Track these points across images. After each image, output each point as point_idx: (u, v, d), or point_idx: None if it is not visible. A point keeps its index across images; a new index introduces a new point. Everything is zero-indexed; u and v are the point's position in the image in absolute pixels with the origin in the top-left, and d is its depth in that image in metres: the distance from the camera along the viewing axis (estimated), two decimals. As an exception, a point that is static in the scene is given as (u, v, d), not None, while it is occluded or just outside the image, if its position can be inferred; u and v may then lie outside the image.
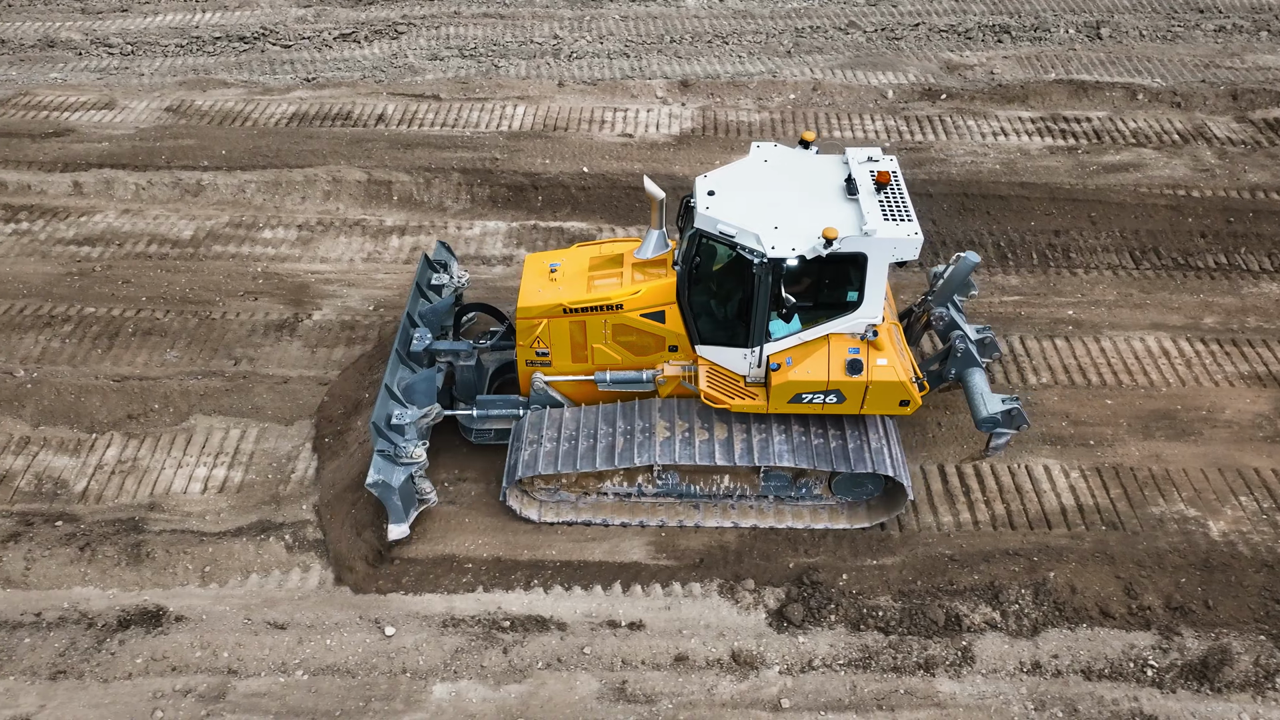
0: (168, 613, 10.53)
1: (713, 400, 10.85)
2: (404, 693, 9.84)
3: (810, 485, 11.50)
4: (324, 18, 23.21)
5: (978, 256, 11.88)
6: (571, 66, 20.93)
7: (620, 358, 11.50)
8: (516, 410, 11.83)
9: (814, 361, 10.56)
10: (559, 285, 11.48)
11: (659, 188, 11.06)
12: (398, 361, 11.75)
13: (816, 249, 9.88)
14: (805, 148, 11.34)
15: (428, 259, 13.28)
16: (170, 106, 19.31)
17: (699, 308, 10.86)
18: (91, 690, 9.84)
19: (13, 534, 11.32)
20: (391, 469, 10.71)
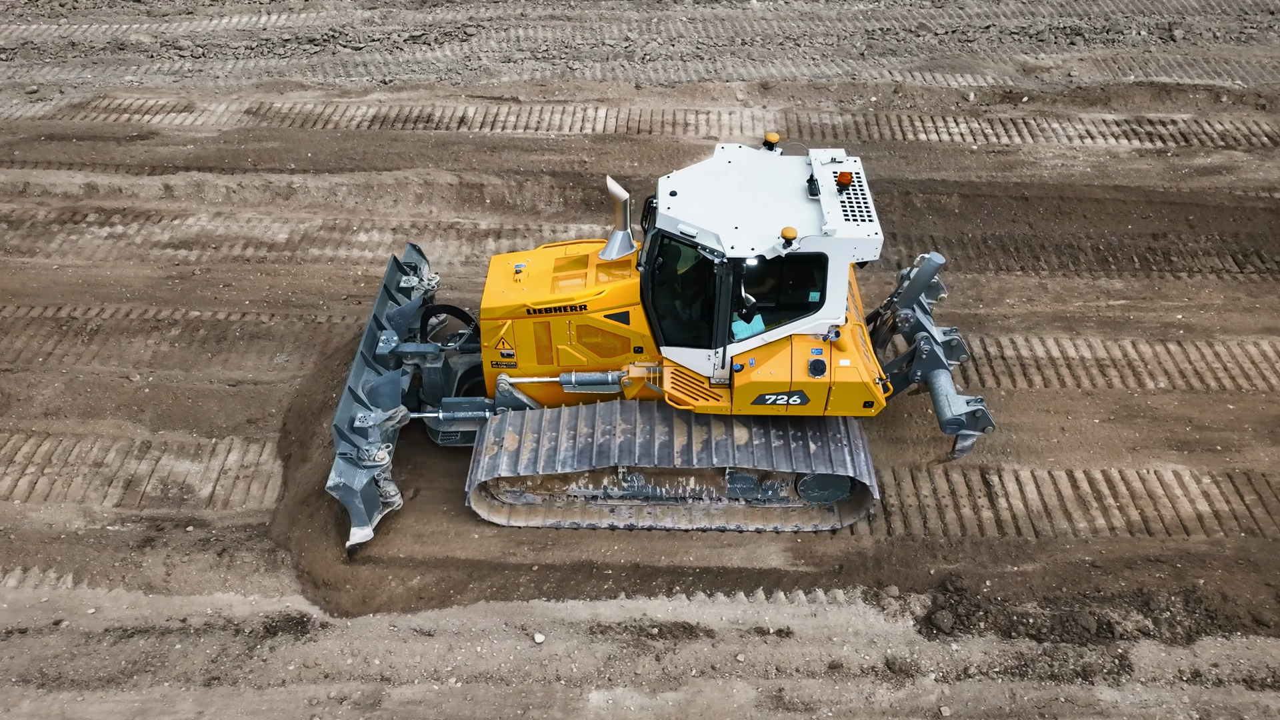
0: (312, 619, 10.49)
1: (676, 401, 10.80)
2: (560, 700, 9.79)
3: (777, 487, 11.44)
4: (391, 20, 23.19)
5: (941, 258, 11.81)
6: (646, 69, 20.88)
7: (586, 359, 11.47)
8: (483, 412, 11.77)
9: (777, 362, 10.53)
10: (523, 286, 11.44)
11: (622, 188, 11.08)
12: (363, 364, 11.73)
13: (776, 249, 9.88)
14: (769, 149, 11.36)
15: (397, 261, 13.25)
16: (250, 109, 19.30)
17: (663, 309, 10.85)
18: (247, 697, 9.80)
19: (147, 539, 11.29)
20: (354, 472, 10.67)
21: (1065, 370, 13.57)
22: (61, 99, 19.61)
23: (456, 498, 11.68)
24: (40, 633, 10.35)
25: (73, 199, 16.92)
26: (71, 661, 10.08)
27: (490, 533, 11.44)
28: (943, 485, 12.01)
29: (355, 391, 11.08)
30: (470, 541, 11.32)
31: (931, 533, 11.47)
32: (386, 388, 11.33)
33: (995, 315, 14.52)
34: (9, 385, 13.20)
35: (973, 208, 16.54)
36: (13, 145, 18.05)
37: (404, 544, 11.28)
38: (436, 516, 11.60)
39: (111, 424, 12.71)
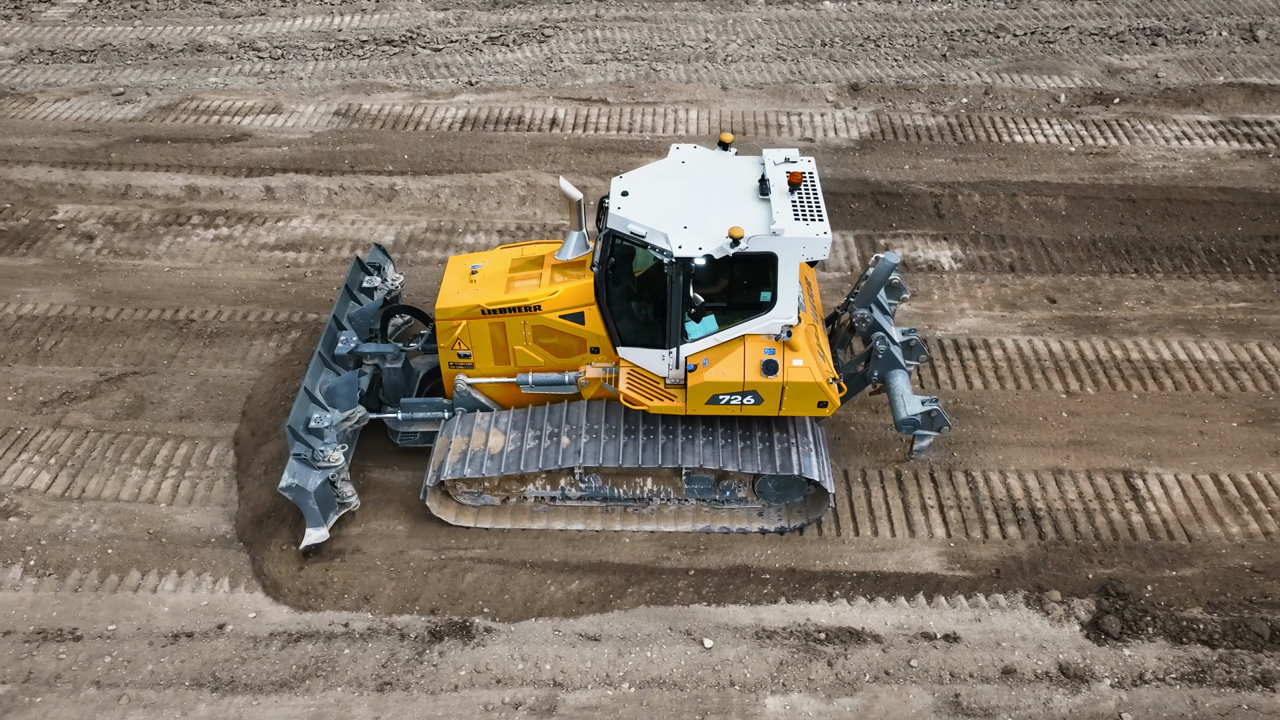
0: (475, 625, 10.45)
1: (631, 402, 10.76)
2: (737, 706, 9.74)
3: (734, 488, 11.40)
4: (466, 21, 23.16)
5: (897, 257, 11.75)
6: (729, 70, 20.83)
7: (543, 360, 11.45)
8: (441, 413, 11.75)
9: (730, 362, 10.52)
10: (478, 287, 11.43)
11: (575, 189, 11.06)
12: (320, 364, 11.70)
13: (724, 248, 9.87)
14: (724, 149, 11.36)
15: (360, 261, 13.22)
16: (338, 110, 19.28)
17: (617, 309, 10.83)
18: (421, 702, 9.76)
19: (297, 543, 11.28)
20: (307, 473, 10.65)
21: (1195, 373, 13.50)
22: (149, 101, 19.60)
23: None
24: (207, 636, 10.33)
25: (175, 201, 16.90)
26: (242, 666, 10.05)
27: (641, 537, 11.40)
28: (1087, 488, 11.96)
29: (311, 392, 11.12)
30: (623, 546, 11.28)
31: (1084, 536, 11.41)
32: (344, 388, 11.37)
33: (1116, 318, 14.46)
34: (140, 387, 13.19)
35: (1079, 209, 16.47)
36: (108, 147, 18.05)
37: (557, 548, 11.24)
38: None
39: (246, 427, 12.69)
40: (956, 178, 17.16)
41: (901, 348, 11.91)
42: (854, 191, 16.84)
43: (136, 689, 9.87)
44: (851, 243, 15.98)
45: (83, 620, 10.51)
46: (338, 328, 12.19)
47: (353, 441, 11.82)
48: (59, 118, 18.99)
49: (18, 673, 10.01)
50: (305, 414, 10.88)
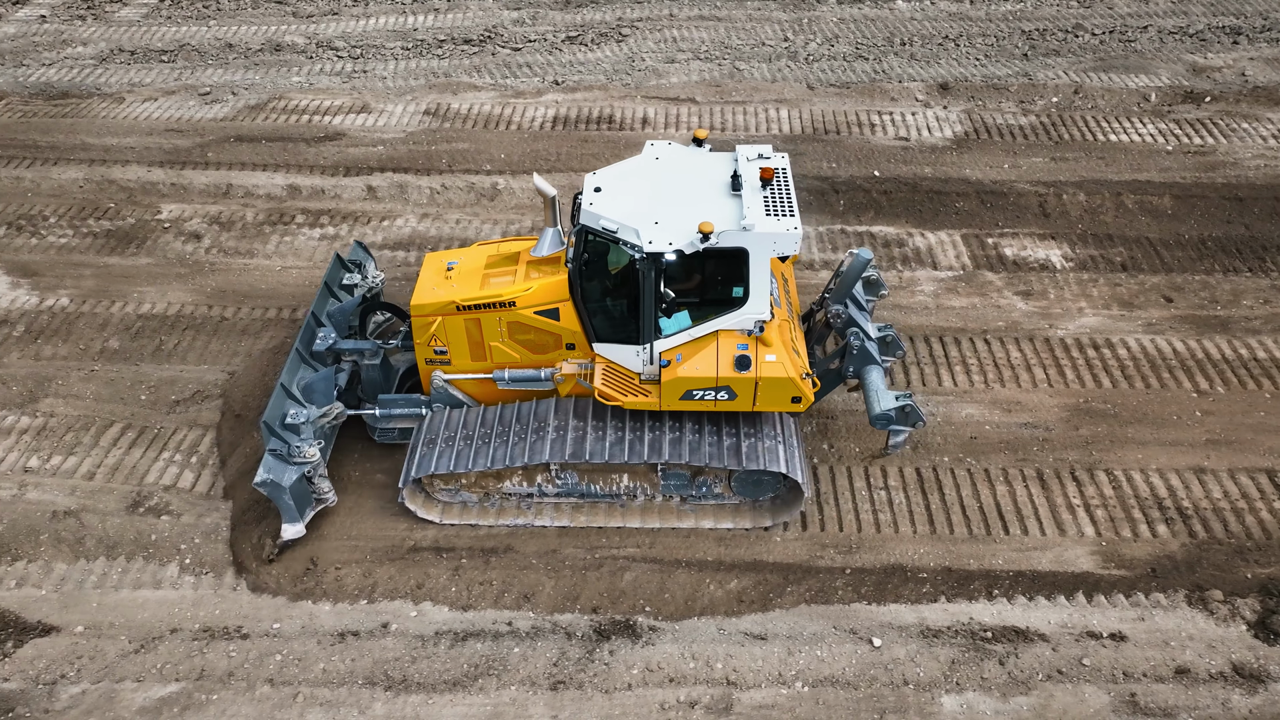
0: (639, 623, 10.45)
1: (606, 398, 10.76)
2: (913, 705, 9.73)
3: (710, 484, 11.39)
4: (540, 20, 23.16)
5: (870, 254, 11.70)
6: (812, 69, 20.81)
7: (519, 356, 11.47)
8: (419, 409, 11.75)
9: (703, 358, 10.52)
10: (453, 283, 11.45)
11: (549, 185, 11.07)
12: (298, 360, 11.72)
13: (694, 244, 9.89)
14: (698, 145, 11.38)
15: (340, 258, 13.24)
16: (428, 110, 19.29)
17: (592, 305, 10.84)
18: (596, 701, 9.76)
19: (444, 547, 11.27)
20: (283, 469, 10.66)
21: (1324, 372, 13.49)
22: (236, 100, 19.62)
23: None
24: (373, 635, 10.33)
25: (277, 200, 16.91)
26: (413, 664, 10.05)
27: (793, 535, 11.40)
28: (1232, 488, 11.93)
29: (288, 388, 11.15)
30: (775, 545, 11.27)
31: (1235, 536, 11.38)
32: (321, 384, 11.41)
33: (1236, 317, 14.43)
34: (270, 385, 13.19)
35: (1185, 209, 16.44)
36: (204, 147, 18.07)
37: (710, 547, 11.23)
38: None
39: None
40: (1058, 177, 17.13)
41: (877, 344, 11.91)
42: (957, 191, 16.82)
43: (310, 687, 9.88)
44: (959, 241, 15.96)
45: (245, 619, 10.52)
46: (316, 324, 12.22)
47: (330, 438, 11.77)
48: (150, 117, 19.02)
49: (190, 670, 10.03)
50: (282, 410, 10.93)
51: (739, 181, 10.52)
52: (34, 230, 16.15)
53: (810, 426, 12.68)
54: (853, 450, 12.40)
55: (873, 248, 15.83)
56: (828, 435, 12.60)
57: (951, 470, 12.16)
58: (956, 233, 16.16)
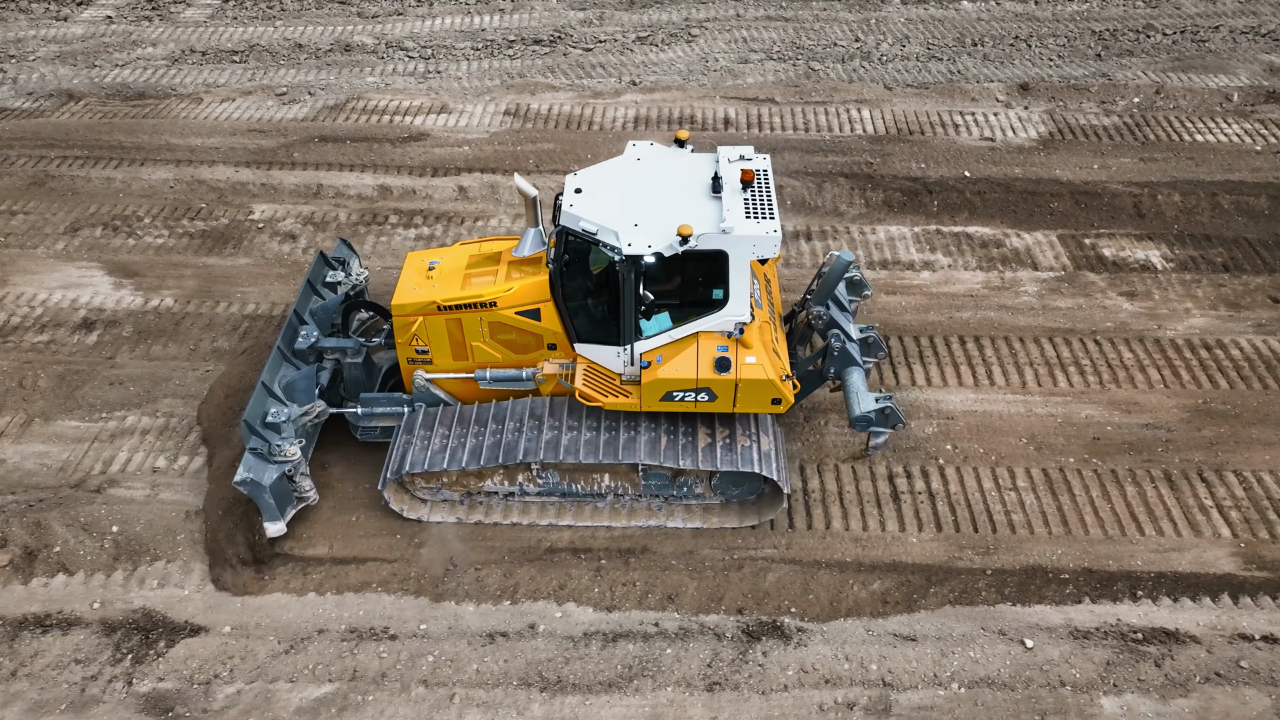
0: (786, 625, 10.42)
1: (587, 398, 10.75)
2: (1073, 706, 9.69)
3: (691, 484, 11.36)
4: (607, 21, 23.15)
5: (851, 255, 11.70)
6: (887, 69, 20.78)
7: (501, 356, 11.44)
8: (400, 408, 11.74)
9: (683, 359, 10.51)
10: (434, 283, 11.43)
11: (531, 185, 11.03)
12: (280, 358, 11.72)
13: (673, 246, 9.87)
14: (680, 146, 11.36)
15: (324, 256, 13.22)
16: (508, 110, 19.29)
17: (573, 306, 10.82)
18: (754, 703, 9.73)
19: (580, 548, 11.26)
20: (263, 467, 10.64)
21: None
22: (314, 101, 19.62)
23: (865, 504, 11.64)
24: (521, 636, 10.31)
25: (368, 200, 16.91)
26: (567, 665, 10.03)
27: (928, 536, 11.37)
28: (1363, 489, 11.91)
29: (269, 386, 11.15)
30: (913, 546, 11.25)
31: (673, 526, 11.41)
32: (302, 383, 11.41)
33: (1346, 318, 14.40)
34: (390, 387, 13.20)
35: (1281, 209, 16.43)
36: (289, 147, 18.07)
37: (848, 548, 11.21)
38: (869, 519, 11.54)
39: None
40: (1149, 177, 17.09)
41: (859, 345, 11.89)
42: (1050, 191, 16.79)
43: (465, 688, 9.86)
44: (1056, 242, 15.92)
45: (390, 620, 10.49)
46: (299, 322, 12.22)
47: (312, 436, 11.75)
48: (230, 118, 19.02)
49: (342, 671, 10.01)
50: (262, 408, 10.93)
51: (719, 183, 10.52)
52: (130, 231, 16.15)
53: (932, 428, 12.66)
54: (978, 451, 12.37)
55: (970, 249, 15.80)
56: (950, 437, 12.57)
57: (1079, 471, 12.13)
58: (1053, 233, 16.12)
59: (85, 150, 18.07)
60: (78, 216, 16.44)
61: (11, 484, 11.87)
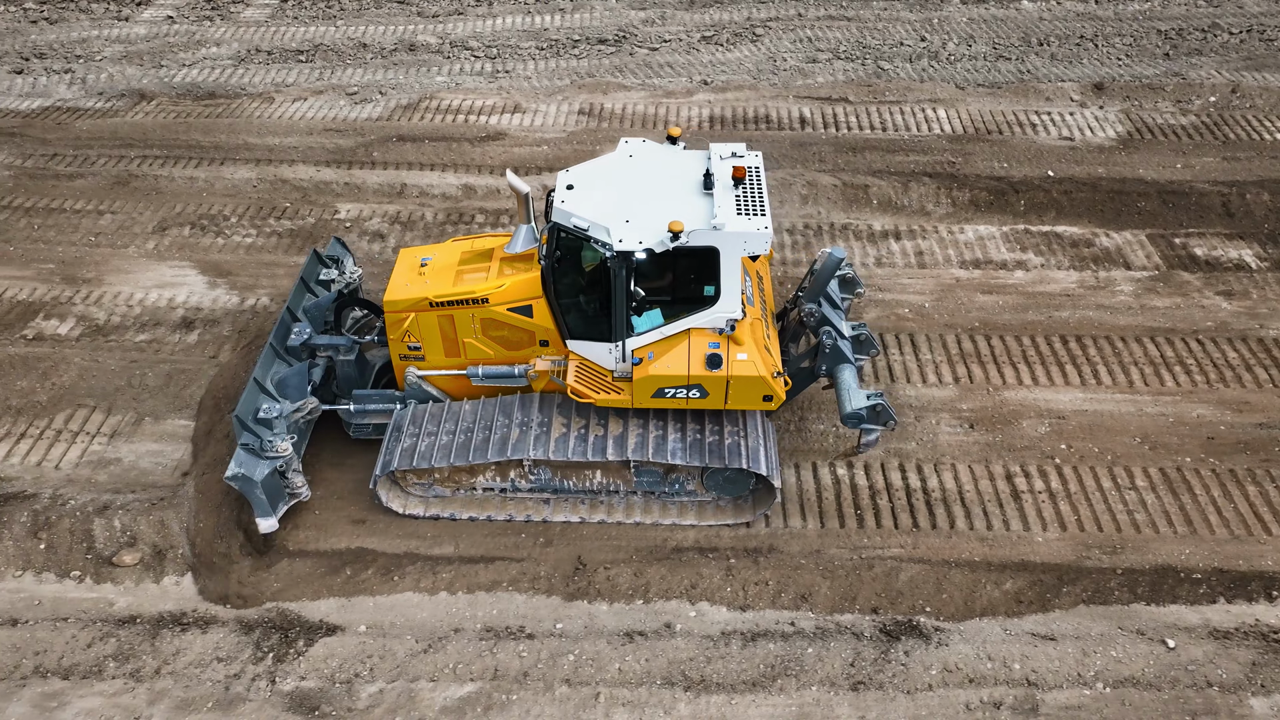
0: (923, 624, 10.39)
1: (578, 395, 10.74)
2: (1222, 707, 9.65)
3: (682, 481, 11.35)
4: (669, 20, 23.15)
5: (843, 252, 11.65)
6: (956, 69, 20.75)
7: (493, 352, 11.44)
8: (393, 405, 11.74)
9: (674, 356, 10.50)
10: (426, 279, 11.43)
11: (523, 182, 11.02)
12: (272, 355, 11.76)
13: (664, 242, 9.85)
14: (672, 144, 11.36)
15: (317, 254, 13.24)
16: (581, 109, 19.28)
17: (565, 302, 10.80)
18: (900, 702, 9.70)
19: (706, 547, 11.24)
20: (255, 463, 10.65)
21: None
22: (386, 100, 19.62)
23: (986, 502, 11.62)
24: (659, 636, 10.28)
25: (453, 200, 16.90)
26: (709, 665, 10.00)
27: (1054, 535, 11.34)
28: None
29: (261, 383, 11.17)
30: (1039, 545, 11.22)
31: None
32: (294, 379, 11.44)
33: None
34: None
35: (1375, 209, 16.38)
36: (367, 146, 18.07)
37: (974, 547, 11.18)
38: (992, 518, 11.52)
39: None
40: (1235, 176, 17.06)
41: (851, 342, 11.85)
42: (1137, 190, 16.75)
43: (609, 687, 9.84)
44: (1146, 242, 15.89)
45: (525, 619, 10.47)
46: (291, 319, 12.24)
47: (305, 433, 11.76)
48: (305, 117, 19.02)
49: (483, 670, 9.99)
50: (254, 404, 10.94)
51: (711, 180, 10.53)
52: (218, 230, 16.15)
53: (1044, 428, 12.63)
54: (1093, 450, 12.34)
55: (1060, 248, 15.77)
56: (1063, 436, 12.54)
57: (1196, 470, 12.09)
58: (1141, 232, 16.09)
59: (164, 150, 18.07)
60: (164, 216, 16.44)
61: (130, 483, 11.87)
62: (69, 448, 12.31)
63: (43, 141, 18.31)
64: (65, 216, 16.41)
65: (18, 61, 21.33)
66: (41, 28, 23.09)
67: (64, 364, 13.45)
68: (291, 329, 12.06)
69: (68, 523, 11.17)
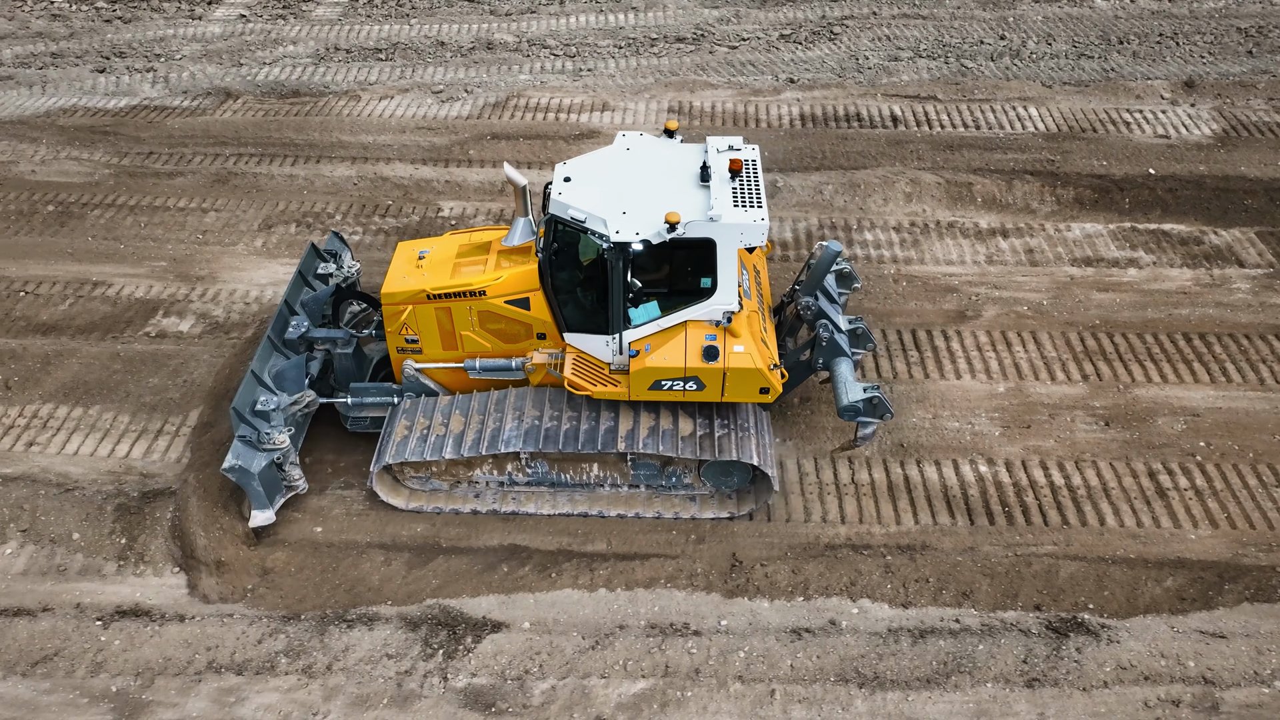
0: (1089, 621, 10.34)
1: (575, 387, 10.75)
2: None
3: (680, 474, 11.33)
4: (744, 19, 23.11)
5: (839, 246, 11.59)
6: (1040, 67, 20.70)
7: (490, 345, 11.45)
8: (391, 398, 11.76)
9: (671, 348, 10.52)
10: (424, 272, 11.43)
11: (520, 175, 10.98)
12: (270, 348, 11.75)
13: (661, 234, 9.91)
14: (669, 137, 11.40)
15: (315, 248, 13.25)
16: (670, 107, 19.26)
17: (562, 295, 10.83)
18: (1077, 700, 9.67)
19: (859, 544, 11.23)
20: (252, 455, 10.68)
21: None
22: (473, 98, 19.61)
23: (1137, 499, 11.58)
24: (826, 633, 10.26)
25: (554, 198, 16.87)
26: (881, 662, 9.98)
27: (1206, 532, 11.30)
28: None
29: (258, 375, 11.18)
30: (1192, 542, 11.17)
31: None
32: (291, 372, 11.48)
33: None
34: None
35: None
36: (463, 144, 18.06)
37: (1126, 544, 11.15)
38: (1140, 515, 11.48)
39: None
40: (1339, 174, 17.03)
41: (848, 336, 11.85)
42: (1242, 188, 16.70)
43: (783, 684, 9.81)
44: (1256, 239, 15.84)
45: (687, 616, 10.45)
46: (289, 312, 12.26)
47: (302, 426, 11.83)
48: (395, 115, 19.02)
49: (653, 667, 9.97)
50: (251, 397, 10.94)
51: (708, 173, 10.56)
52: (323, 227, 16.15)
53: (1180, 425, 12.58)
54: (1233, 448, 12.30)
55: (1170, 246, 15.74)
56: (1200, 434, 12.49)
57: (1343, 468, 12.07)
58: (1250, 230, 16.04)
59: (258, 148, 18.07)
60: (269, 214, 16.44)
61: (272, 479, 11.86)
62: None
63: (137, 140, 18.31)
64: (170, 214, 16.42)
65: (99, 60, 21.35)
66: (116, 27, 23.10)
67: (192, 361, 13.45)
68: (289, 322, 12.09)
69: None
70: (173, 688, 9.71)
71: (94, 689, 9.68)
